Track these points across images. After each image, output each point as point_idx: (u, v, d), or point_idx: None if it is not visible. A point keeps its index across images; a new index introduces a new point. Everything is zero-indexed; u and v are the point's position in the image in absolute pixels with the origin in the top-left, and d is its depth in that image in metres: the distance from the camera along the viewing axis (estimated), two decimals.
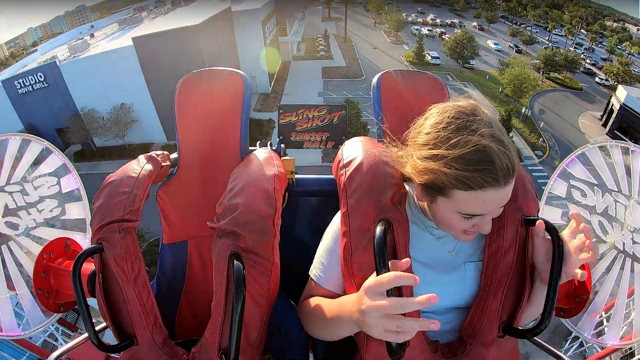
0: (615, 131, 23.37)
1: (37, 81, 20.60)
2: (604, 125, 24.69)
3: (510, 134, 20.21)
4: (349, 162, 0.87)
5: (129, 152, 20.21)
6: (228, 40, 23.82)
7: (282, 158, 1.15)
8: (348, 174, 0.86)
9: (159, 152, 1.08)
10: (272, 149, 1.19)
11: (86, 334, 0.89)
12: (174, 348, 0.89)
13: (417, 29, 41.49)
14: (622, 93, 23.43)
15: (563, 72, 31.15)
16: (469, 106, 0.73)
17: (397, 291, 0.74)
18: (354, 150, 0.90)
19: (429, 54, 32.68)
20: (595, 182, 1.18)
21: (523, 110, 24.41)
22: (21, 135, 1.24)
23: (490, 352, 0.81)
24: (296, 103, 1.33)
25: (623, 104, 22.74)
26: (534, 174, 19.00)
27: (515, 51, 37.08)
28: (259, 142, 1.24)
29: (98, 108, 20.41)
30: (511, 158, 0.69)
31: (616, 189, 1.16)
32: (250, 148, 1.17)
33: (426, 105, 0.81)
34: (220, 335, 0.82)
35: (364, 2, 52.62)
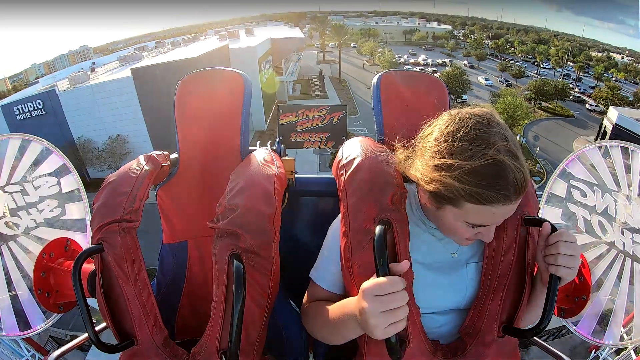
0: None
1: (36, 108, 20.58)
2: None
3: None
4: (349, 162, 0.87)
5: None
6: None
7: (282, 158, 1.15)
8: (348, 174, 0.86)
9: (158, 152, 1.08)
10: (272, 149, 1.19)
11: (86, 334, 0.89)
12: (174, 348, 0.89)
13: (408, 69, 41.63)
14: (613, 114, 23.58)
15: (553, 102, 31.82)
16: (486, 116, 0.72)
17: None
18: (354, 150, 0.90)
19: None
20: (595, 182, 1.18)
21: (517, 138, 24.39)
22: (21, 135, 1.24)
23: (490, 352, 0.81)
24: (292, 151, 1.32)
25: (615, 124, 22.87)
26: None
27: (506, 85, 37.95)
28: (258, 142, 1.24)
29: (94, 138, 20.47)
30: (524, 174, 0.68)
31: (616, 189, 1.16)
32: (250, 148, 1.17)
33: (426, 105, 0.81)
34: (220, 335, 0.82)
35: (357, 46, 55.55)
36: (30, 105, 20.61)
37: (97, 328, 1.04)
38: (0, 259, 1.16)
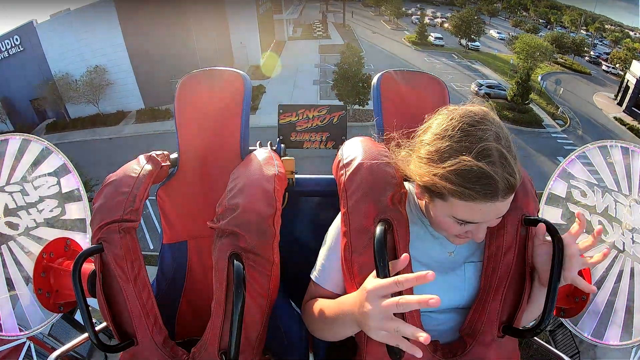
0: (632, 108, 21.49)
1: (13, 45, 19.40)
2: (619, 104, 22.91)
3: (530, 98, 19.38)
4: (349, 162, 0.87)
5: (103, 120, 19.06)
6: (217, 5, 22.09)
7: (282, 158, 1.15)
8: (348, 174, 0.86)
9: (158, 152, 1.08)
10: (272, 149, 1.19)
11: (86, 334, 0.89)
12: (174, 348, 0.89)
13: (417, 18, 39.82)
14: (637, 68, 21.58)
15: (569, 59, 30.29)
16: (479, 113, 0.71)
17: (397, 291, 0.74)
18: (354, 150, 0.90)
19: (431, 35, 31.19)
20: (595, 182, 1.18)
21: (539, 79, 23.32)
22: (21, 135, 1.24)
23: (490, 352, 0.81)
24: (291, 81, 1.32)
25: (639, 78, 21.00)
26: (558, 141, 18.26)
27: None
28: (258, 142, 1.25)
29: (73, 72, 19.04)
30: (513, 173, 0.67)
31: (616, 189, 1.16)
32: (250, 148, 1.17)
33: (426, 105, 0.81)
34: (220, 335, 0.82)
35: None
36: (8, 43, 19.35)
37: (97, 328, 1.04)
38: (0, 259, 1.16)
